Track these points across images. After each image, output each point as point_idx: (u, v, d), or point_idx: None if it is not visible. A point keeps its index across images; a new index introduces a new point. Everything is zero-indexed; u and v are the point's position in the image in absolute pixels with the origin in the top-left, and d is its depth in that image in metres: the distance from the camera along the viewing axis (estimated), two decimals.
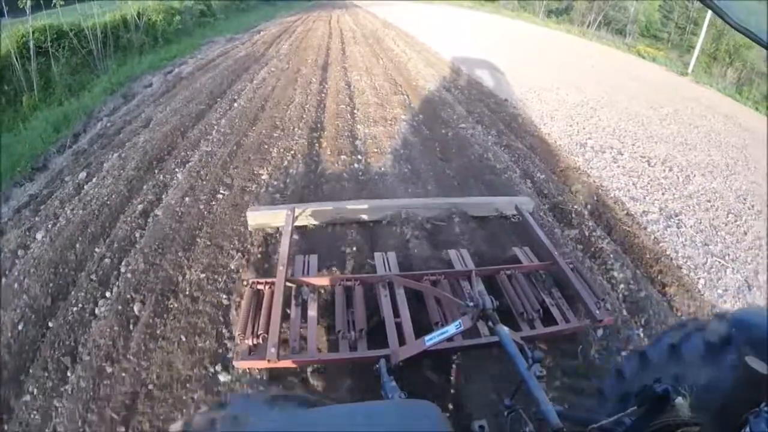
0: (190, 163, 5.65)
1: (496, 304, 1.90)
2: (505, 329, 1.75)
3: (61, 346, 3.15)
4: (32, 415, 2.74)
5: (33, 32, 8.68)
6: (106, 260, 3.94)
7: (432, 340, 2.17)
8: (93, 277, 3.76)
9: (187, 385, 2.83)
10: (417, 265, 3.66)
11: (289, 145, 6.24)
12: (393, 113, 7.85)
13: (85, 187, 5.16)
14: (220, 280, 3.67)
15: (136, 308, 3.42)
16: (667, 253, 4.99)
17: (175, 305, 3.43)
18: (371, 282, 3.23)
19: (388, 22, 21.39)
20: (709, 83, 16.64)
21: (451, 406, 2.61)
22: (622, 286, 4.07)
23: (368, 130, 6.97)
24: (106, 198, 4.84)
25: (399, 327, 2.83)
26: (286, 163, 5.75)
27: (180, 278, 3.70)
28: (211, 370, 2.92)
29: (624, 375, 1.78)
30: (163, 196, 4.93)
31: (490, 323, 1.95)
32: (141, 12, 13.17)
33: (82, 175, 5.43)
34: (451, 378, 2.75)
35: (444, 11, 29.18)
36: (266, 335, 2.67)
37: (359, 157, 6.06)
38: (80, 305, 3.47)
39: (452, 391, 2.68)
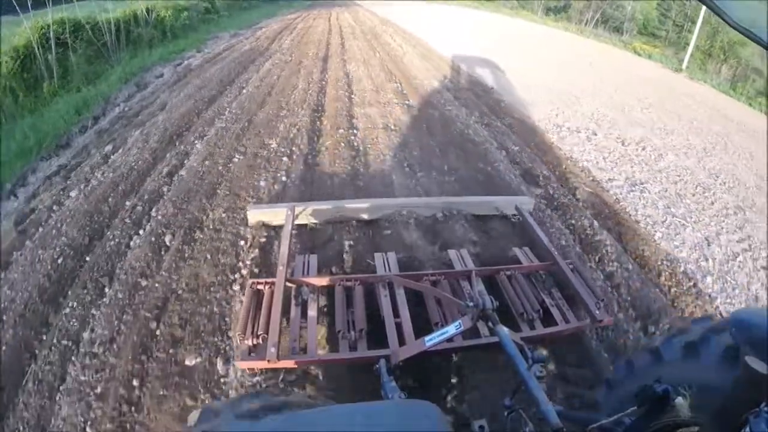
0: (207, 137, 6.20)
1: (496, 305, 1.83)
2: (504, 329, 1.69)
3: (98, 271, 3.61)
4: (71, 323, 3.15)
5: (53, 24, 8.93)
6: (138, 208, 4.47)
7: (432, 340, 2.10)
8: (127, 220, 4.27)
9: (211, 288, 3.38)
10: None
11: (294, 121, 6.86)
12: (387, 98, 8.40)
13: (112, 156, 5.61)
14: (238, 217, 4.27)
15: (167, 239, 3.96)
16: (627, 210, 5.40)
17: (201, 236, 4.02)
18: (371, 282, 3.14)
19: (387, 20, 21.22)
20: (704, 79, 16.45)
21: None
22: (579, 231, 4.62)
23: (363, 111, 7.56)
24: (133, 164, 5.34)
25: (399, 327, 2.75)
26: (292, 135, 6.37)
27: (204, 217, 4.30)
28: (231, 277, 3.48)
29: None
30: (185, 161, 5.46)
31: (490, 323, 1.88)
32: (150, 8, 13.44)
33: (108, 147, 5.88)
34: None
35: (444, 10, 28.82)
36: (266, 335, 2.58)
37: (355, 131, 6.66)
38: (116, 241, 3.97)
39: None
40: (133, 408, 2.58)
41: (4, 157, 5.55)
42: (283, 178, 5.13)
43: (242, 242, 3.90)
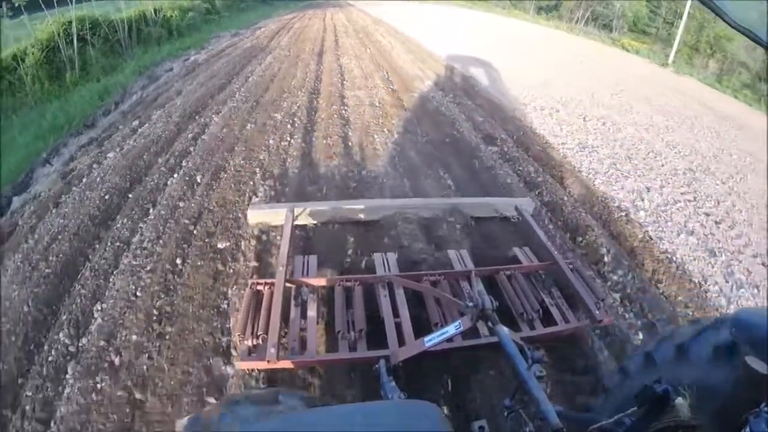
0: (222, 113, 6.94)
1: (495, 305, 1.76)
2: (504, 329, 1.62)
3: (142, 200, 4.42)
4: (122, 232, 3.94)
5: (74, 21, 9.61)
6: (171, 161, 5.24)
7: (432, 340, 2.01)
8: (162, 168, 5.05)
9: (235, 204, 4.36)
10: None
11: (294, 101, 7.66)
12: (374, 83, 9.20)
13: (140, 129, 6.29)
14: (254, 163, 5.23)
15: (198, 178, 4.85)
16: (572, 164, 6.16)
17: (225, 175, 4.95)
18: (371, 282, 3.00)
19: (379, 19, 21.08)
20: (690, 74, 16.30)
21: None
22: (524, 175, 5.47)
23: (353, 93, 8.41)
24: (160, 133, 6.03)
25: (398, 327, 2.63)
26: (293, 110, 7.18)
27: (226, 164, 5.18)
28: (249, 198, 4.50)
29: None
30: (206, 130, 6.24)
31: (489, 323, 1.80)
32: (158, 9, 14.00)
33: (135, 123, 6.56)
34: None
35: (436, 10, 28.33)
36: (266, 336, 2.46)
37: (345, 107, 7.52)
38: (155, 182, 4.76)
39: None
40: (176, 276, 3.41)
41: (36, 134, 6.34)
42: (288, 139, 6.04)
43: (258, 176, 4.94)
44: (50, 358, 2.74)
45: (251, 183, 4.77)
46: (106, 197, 4.42)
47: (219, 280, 3.35)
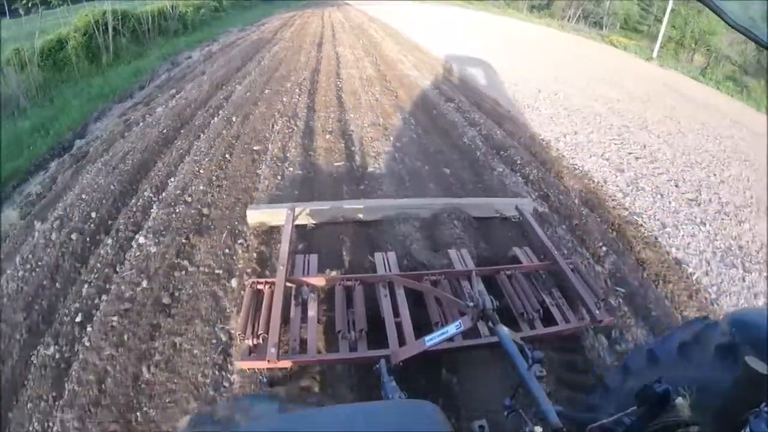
0: (243, 83, 8.15)
1: (496, 305, 1.64)
2: (505, 329, 1.49)
3: (194, 132, 5.73)
4: (182, 146, 5.27)
5: (109, 13, 10.70)
6: (210, 110, 6.58)
7: (432, 340, 1.88)
8: (204, 114, 6.40)
9: (263, 130, 5.83)
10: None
11: (300, 76, 8.92)
12: (363, 65, 10.39)
13: (177, 96, 7.33)
14: (273, 111, 6.63)
15: (233, 119, 6.21)
16: (515, 117, 7.33)
17: (253, 117, 6.35)
18: (371, 282, 2.82)
19: (374, 17, 21.05)
20: (675, 67, 15.97)
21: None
22: (471, 120, 6.78)
23: (347, 71, 9.60)
24: (196, 96, 7.22)
25: (399, 327, 2.46)
26: (300, 81, 8.47)
27: (252, 112, 6.55)
28: (273, 126, 6.00)
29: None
30: (232, 95, 7.44)
31: (490, 323, 1.67)
32: (174, 5, 15.00)
33: (172, 92, 7.63)
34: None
35: (431, 9, 27.62)
36: (266, 335, 2.30)
37: (340, 79, 8.83)
38: (200, 122, 6.10)
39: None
40: (226, 162, 4.86)
41: (87, 99, 7.48)
42: (297, 98, 7.37)
43: (277, 115, 6.44)
44: (139, 203, 4.01)
45: (272, 121, 6.19)
46: (164, 131, 5.64)
47: (254, 164, 4.88)
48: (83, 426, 2.19)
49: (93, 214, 3.78)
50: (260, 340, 2.30)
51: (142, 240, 3.48)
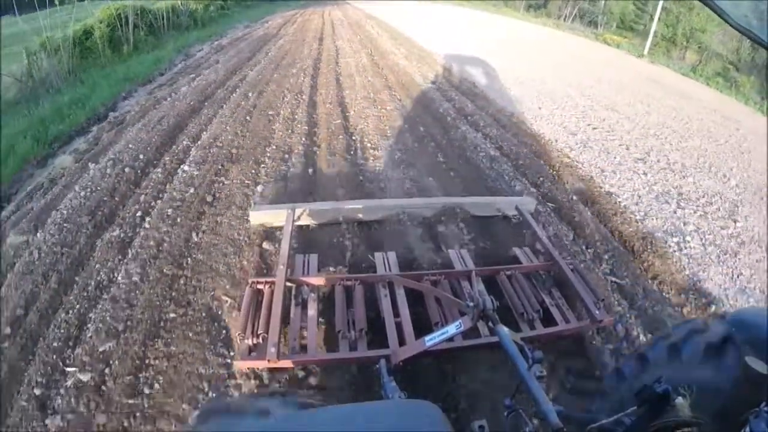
0: (255, 69, 8.99)
1: (496, 305, 1.54)
2: (505, 329, 1.37)
3: (217, 103, 6.65)
4: (208, 113, 6.20)
5: (130, 7, 11.27)
6: (228, 89, 7.46)
7: (432, 340, 1.81)
8: (224, 92, 7.24)
9: (276, 103, 6.78)
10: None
11: (304, 63, 9.83)
12: (360, 56, 11.10)
13: (197, 79, 8.04)
14: (282, 88, 7.58)
15: (249, 95, 7.10)
16: (488, 95, 8.03)
17: (265, 93, 7.25)
18: (371, 282, 2.73)
19: (373, 15, 21.00)
20: (666, 64, 15.72)
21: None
22: (449, 98, 7.58)
23: (345, 60, 10.41)
24: (214, 79, 7.99)
25: (399, 327, 2.39)
26: (304, 68, 9.36)
27: (264, 90, 7.43)
28: (284, 99, 6.99)
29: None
30: (246, 77, 8.29)
31: (490, 323, 1.57)
32: (184, 2, 15.44)
33: (192, 75, 8.35)
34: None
35: (428, 8, 26.98)
36: (266, 335, 2.22)
37: (339, 67, 9.65)
38: (221, 97, 6.97)
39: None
40: (246, 122, 5.90)
41: (114, 82, 7.92)
42: (302, 80, 8.27)
43: (286, 91, 7.38)
44: (180, 148, 4.95)
45: (282, 95, 7.15)
46: (191, 103, 6.47)
47: (270, 122, 5.92)
48: (143, 271, 2.96)
49: (141, 156, 4.61)
50: (260, 340, 2.24)
51: (186, 168, 4.42)
